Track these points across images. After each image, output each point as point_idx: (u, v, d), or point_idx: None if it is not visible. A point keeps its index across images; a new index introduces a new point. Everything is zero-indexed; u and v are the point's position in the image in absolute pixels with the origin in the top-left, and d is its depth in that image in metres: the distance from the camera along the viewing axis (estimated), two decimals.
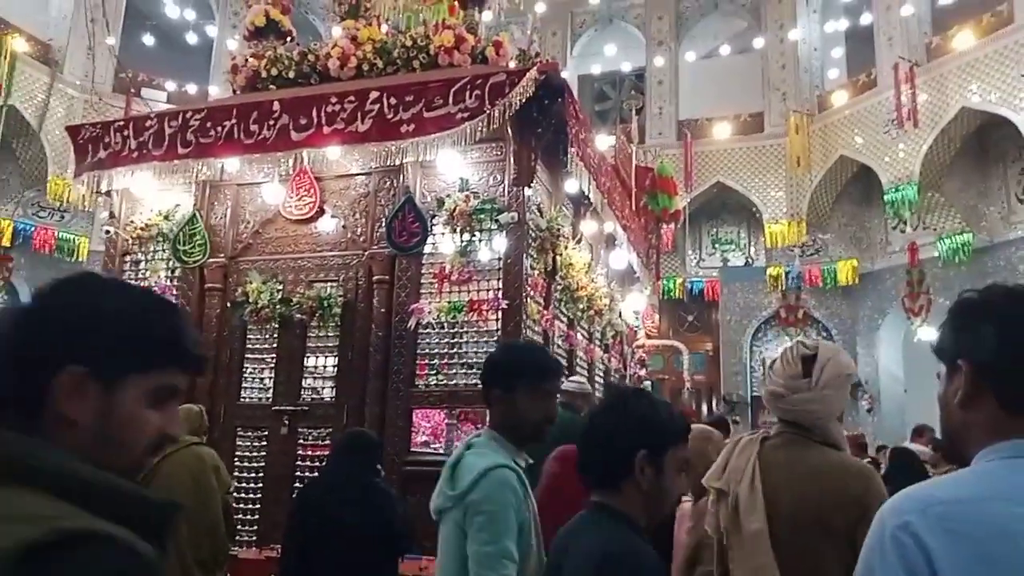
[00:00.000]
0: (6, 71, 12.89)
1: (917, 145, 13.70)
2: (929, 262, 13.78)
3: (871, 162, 14.65)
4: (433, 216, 5.63)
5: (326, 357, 5.82)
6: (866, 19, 15.33)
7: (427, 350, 5.48)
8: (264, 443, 5.77)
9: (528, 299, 5.49)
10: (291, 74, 6.59)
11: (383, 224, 5.68)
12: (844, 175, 15.60)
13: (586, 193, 6.34)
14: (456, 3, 6.59)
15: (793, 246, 15.54)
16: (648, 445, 1.65)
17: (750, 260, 17.07)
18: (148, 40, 16.26)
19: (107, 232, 6.46)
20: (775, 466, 2.12)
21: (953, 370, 1.10)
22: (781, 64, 16.50)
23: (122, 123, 6.17)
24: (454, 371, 5.39)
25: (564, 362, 6.44)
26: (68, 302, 0.94)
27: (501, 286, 5.37)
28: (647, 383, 9.63)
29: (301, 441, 5.66)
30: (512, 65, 6.27)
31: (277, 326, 5.90)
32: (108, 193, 6.41)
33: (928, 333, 13.27)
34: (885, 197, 14.11)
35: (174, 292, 6.18)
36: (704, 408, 15.88)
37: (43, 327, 0.91)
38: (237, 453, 5.78)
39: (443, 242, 5.59)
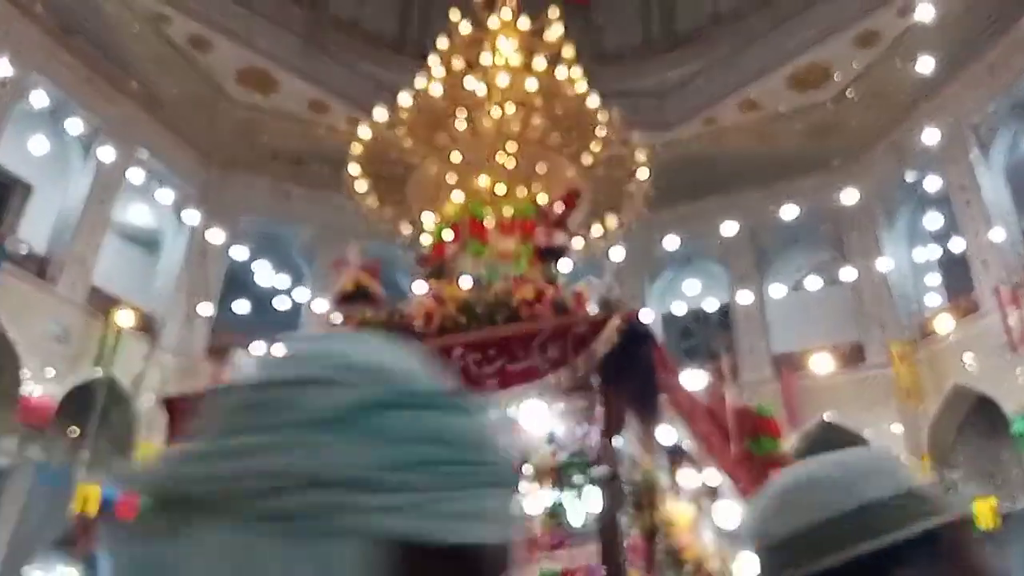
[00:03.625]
0: (111, 344, 13.92)
1: None
2: None
3: (990, 390, 13.64)
4: (518, 474, 5.28)
5: None
6: (956, 244, 15.11)
7: None
8: None
9: (628, 565, 4.90)
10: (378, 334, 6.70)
11: None
12: (963, 405, 14.49)
13: (681, 442, 5.90)
14: (535, 257, 6.76)
15: None
16: None
17: None
18: (241, 306, 17.37)
19: None
20: None
21: None
22: (874, 293, 16.19)
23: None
24: None
25: None
26: None
27: (598, 551, 4.83)
28: None
29: None
30: (593, 312, 6.22)
31: None
32: None
33: None
34: (1013, 429, 12.90)
35: None
36: None
37: None
38: None
39: (530, 502, 5.18)
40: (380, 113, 7.91)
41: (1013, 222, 14.62)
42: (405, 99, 7.82)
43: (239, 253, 17.36)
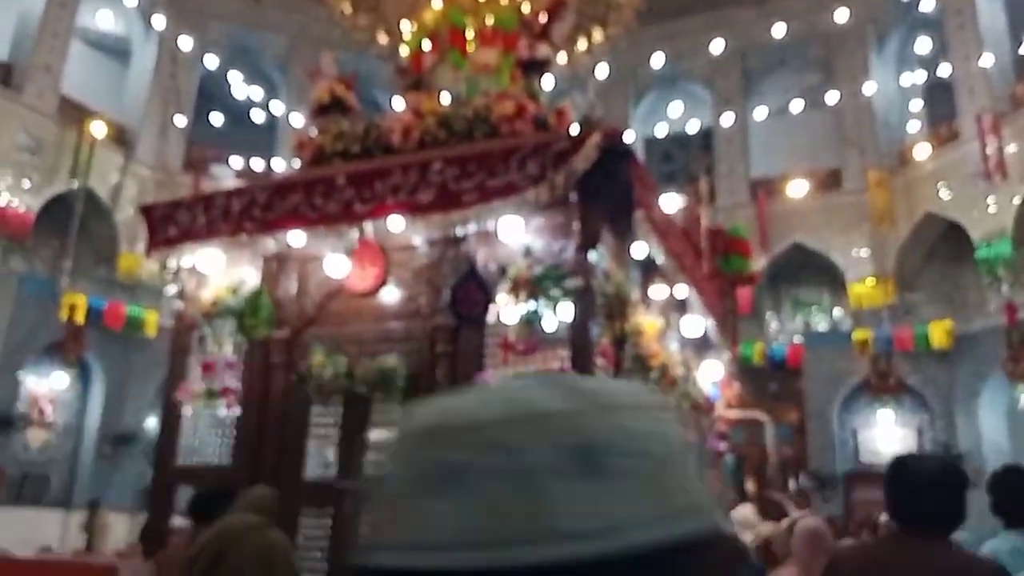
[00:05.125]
0: (86, 156, 13.69)
1: (1008, 198, 12.95)
2: None
3: (960, 218, 13.93)
4: (496, 284, 5.47)
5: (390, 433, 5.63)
6: (944, 70, 14.81)
7: None
8: (329, 523, 5.58)
9: (597, 369, 5.22)
10: (355, 148, 6.63)
11: (446, 294, 5.55)
12: (933, 232, 14.85)
13: (654, 257, 6.08)
14: (517, 72, 6.58)
15: (880, 308, 14.74)
16: None
17: (835, 324, 16.28)
18: (216, 119, 16.88)
19: (177, 309, 6.55)
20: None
21: None
22: (857, 118, 16.03)
23: (192, 201, 6.30)
24: None
25: None
26: None
27: (568, 356, 5.12)
28: (728, 458, 9.09)
29: None
30: (575, 130, 6.17)
31: (341, 400, 5.77)
32: (178, 269, 6.51)
33: None
34: (977, 254, 13.32)
35: (240, 367, 6.16)
36: (792, 486, 14.97)
37: None
38: (302, 532, 5.60)
39: (507, 311, 5.40)
40: None
41: (1005, 50, 14.27)
42: None
43: (210, 62, 16.64)
